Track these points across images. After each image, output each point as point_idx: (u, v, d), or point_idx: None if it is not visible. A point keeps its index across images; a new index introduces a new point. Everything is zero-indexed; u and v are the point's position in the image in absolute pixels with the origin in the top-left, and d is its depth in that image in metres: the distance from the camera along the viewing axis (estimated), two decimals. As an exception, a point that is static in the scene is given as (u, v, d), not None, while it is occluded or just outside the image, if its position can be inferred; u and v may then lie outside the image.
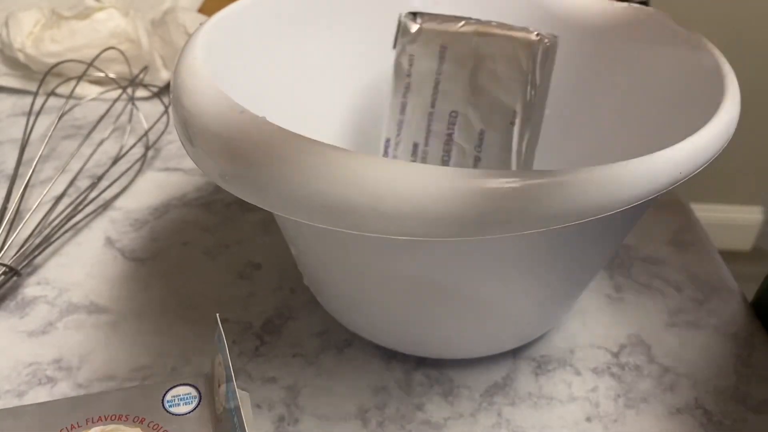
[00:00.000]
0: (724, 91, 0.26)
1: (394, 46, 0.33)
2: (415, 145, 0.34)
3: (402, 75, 0.33)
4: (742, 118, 0.26)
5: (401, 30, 0.33)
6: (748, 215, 1.44)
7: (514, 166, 0.32)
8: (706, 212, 1.44)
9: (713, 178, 1.38)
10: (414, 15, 0.33)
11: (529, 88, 0.32)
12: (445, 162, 0.34)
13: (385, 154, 0.35)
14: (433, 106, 0.33)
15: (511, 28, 0.32)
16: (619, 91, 0.33)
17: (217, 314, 0.26)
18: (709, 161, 0.24)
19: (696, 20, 0.31)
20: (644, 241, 0.38)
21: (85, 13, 0.51)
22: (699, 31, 0.30)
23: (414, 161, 0.34)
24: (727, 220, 1.44)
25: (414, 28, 0.32)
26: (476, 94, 0.32)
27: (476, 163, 0.33)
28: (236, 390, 0.24)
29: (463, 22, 0.32)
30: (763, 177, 1.40)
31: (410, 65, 0.33)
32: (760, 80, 1.30)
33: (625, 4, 0.34)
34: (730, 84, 0.26)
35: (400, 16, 0.33)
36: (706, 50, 0.29)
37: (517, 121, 0.32)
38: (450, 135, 0.33)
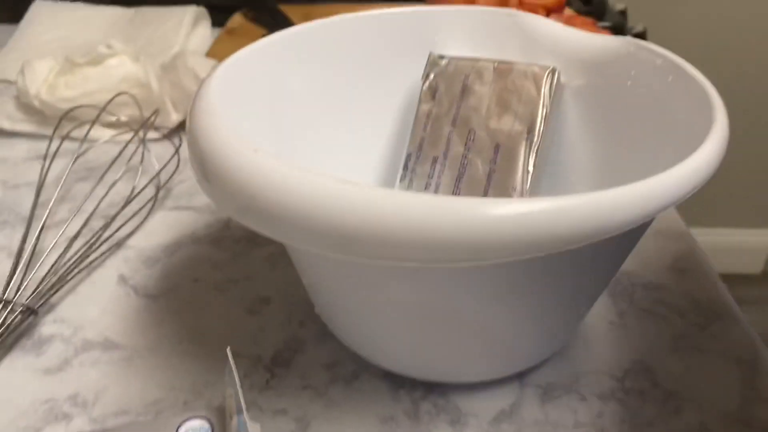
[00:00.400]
0: (713, 120, 0.27)
1: (423, 77, 0.38)
2: (434, 159, 0.37)
3: (428, 99, 0.38)
4: (748, 145, 0.27)
5: (431, 63, 0.38)
6: (758, 238, 1.44)
7: (522, 182, 0.35)
8: (715, 236, 1.44)
9: (721, 203, 1.39)
10: (441, 56, 0.38)
11: (541, 108, 0.35)
12: (461, 174, 0.37)
13: (405, 167, 0.38)
14: (453, 124, 0.37)
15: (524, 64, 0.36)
16: (615, 119, 0.35)
17: (228, 348, 0.27)
18: (700, 186, 0.24)
19: (693, 52, 0.32)
20: (646, 267, 0.39)
21: (97, 60, 0.52)
22: (696, 62, 0.31)
23: (432, 173, 0.37)
24: (737, 243, 1.44)
25: (443, 62, 0.37)
26: (499, 106, 0.36)
27: (491, 175, 0.36)
28: (248, 422, 0.25)
29: (483, 61, 0.37)
30: (769, 201, 1.40)
31: (436, 91, 0.37)
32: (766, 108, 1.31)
33: (617, 37, 0.36)
34: (718, 113, 0.27)
35: (430, 54, 0.38)
36: (696, 80, 0.30)
37: (531, 136, 0.35)
38: (467, 150, 0.36)
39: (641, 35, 0.78)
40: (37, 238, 0.40)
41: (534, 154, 0.35)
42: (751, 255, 1.45)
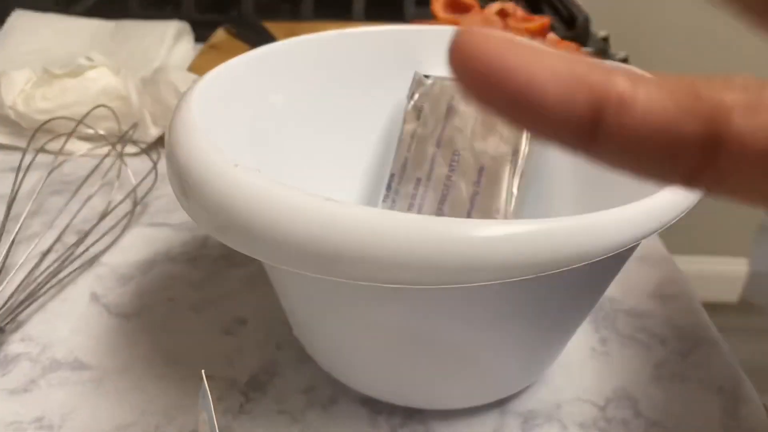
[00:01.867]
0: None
1: (408, 97, 0.37)
2: (418, 180, 0.37)
3: (413, 119, 0.37)
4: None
5: (416, 82, 0.37)
6: (734, 267, 1.45)
7: (505, 204, 0.34)
8: (693, 264, 1.46)
9: (699, 230, 1.40)
10: (426, 76, 0.37)
11: (526, 132, 0.34)
12: (444, 195, 0.36)
13: (389, 187, 0.37)
14: (438, 145, 0.36)
15: None
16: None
17: (203, 371, 0.26)
18: (684, 212, 0.24)
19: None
20: (628, 293, 0.39)
21: (76, 72, 0.52)
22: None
23: (415, 194, 0.37)
24: (714, 272, 1.45)
25: (428, 81, 0.37)
26: (484, 127, 0.35)
27: (474, 197, 0.35)
28: (220, 448, 0.24)
29: None
30: (747, 229, 1.42)
31: (421, 111, 0.37)
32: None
33: (602, 60, 0.36)
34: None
35: (416, 73, 0.37)
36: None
37: (515, 159, 0.35)
38: (451, 172, 0.36)
39: (623, 62, 0.79)
40: (7, 253, 0.38)
41: (518, 177, 0.35)
42: (728, 283, 1.46)
